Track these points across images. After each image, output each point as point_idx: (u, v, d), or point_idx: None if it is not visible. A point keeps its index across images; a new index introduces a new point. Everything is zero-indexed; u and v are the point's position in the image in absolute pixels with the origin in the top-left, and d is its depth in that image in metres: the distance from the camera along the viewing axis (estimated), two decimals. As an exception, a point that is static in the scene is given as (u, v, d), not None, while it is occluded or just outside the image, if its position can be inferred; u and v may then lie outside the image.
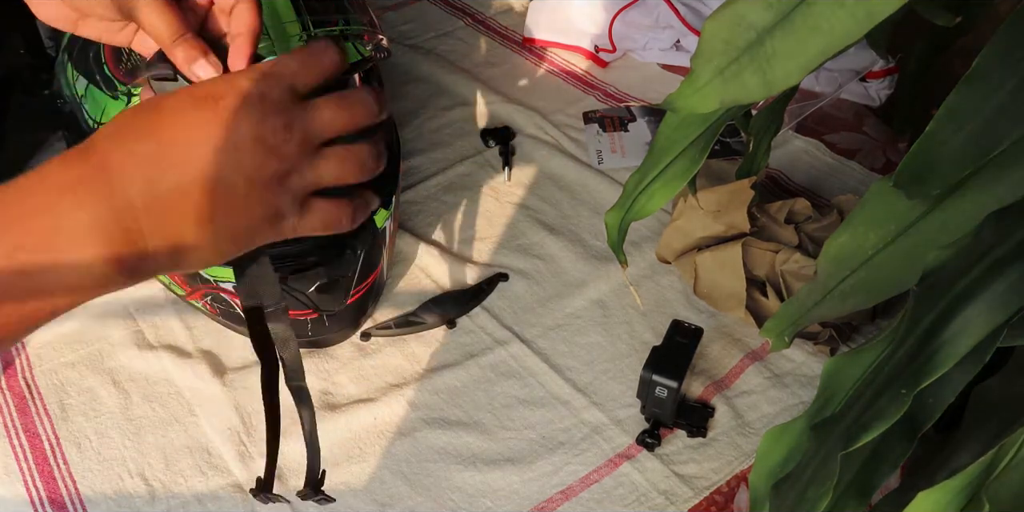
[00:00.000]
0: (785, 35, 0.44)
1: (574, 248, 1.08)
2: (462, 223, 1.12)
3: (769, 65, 0.45)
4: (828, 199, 1.12)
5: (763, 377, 0.94)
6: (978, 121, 0.44)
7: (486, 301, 1.02)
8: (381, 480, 0.86)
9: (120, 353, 0.97)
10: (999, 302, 0.46)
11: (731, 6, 0.46)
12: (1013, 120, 0.44)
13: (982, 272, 0.46)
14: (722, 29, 0.46)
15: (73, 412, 0.92)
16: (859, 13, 0.42)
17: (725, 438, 0.89)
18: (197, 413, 0.92)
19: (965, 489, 0.44)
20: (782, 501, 0.55)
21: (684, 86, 0.48)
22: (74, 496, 0.85)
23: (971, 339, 0.46)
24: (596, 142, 1.23)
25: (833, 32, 0.43)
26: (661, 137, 0.63)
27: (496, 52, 1.44)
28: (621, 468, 0.86)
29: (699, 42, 0.47)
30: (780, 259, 0.95)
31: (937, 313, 0.47)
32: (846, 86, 1.28)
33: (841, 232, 0.54)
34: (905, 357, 0.48)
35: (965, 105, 0.45)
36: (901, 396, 0.47)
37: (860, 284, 0.53)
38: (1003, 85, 0.44)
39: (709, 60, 0.47)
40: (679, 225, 1.00)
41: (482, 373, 0.94)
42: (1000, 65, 0.44)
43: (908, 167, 0.46)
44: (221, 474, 0.87)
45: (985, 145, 0.44)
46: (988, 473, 0.43)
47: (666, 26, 1.36)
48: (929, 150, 0.45)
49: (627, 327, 1.00)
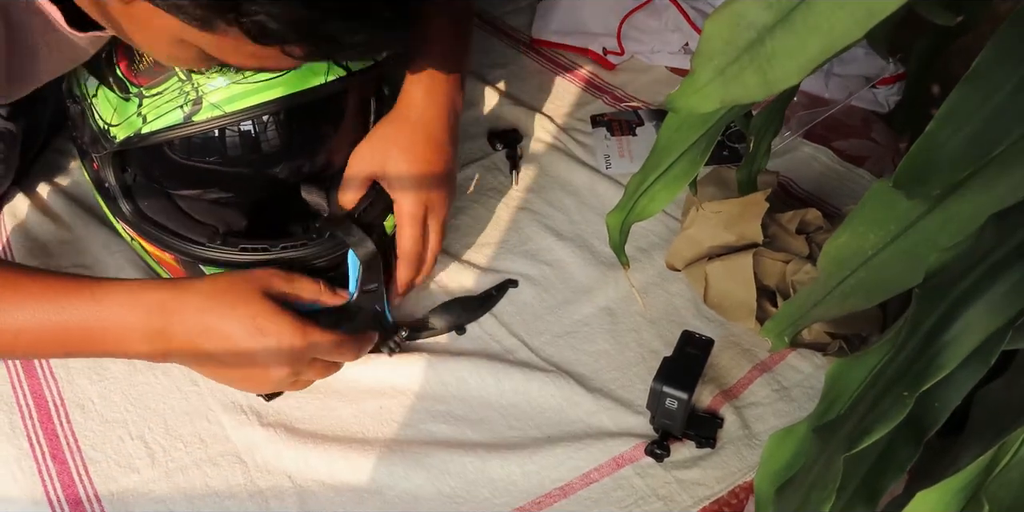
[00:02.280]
0: (785, 35, 0.44)
1: (582, 254, 1.08)
2: (469, 227, 1.12)
3: (769, 65, 0.45)
4: (838, 207, 1.11)
5: (771, 389, 0.93)
6: (978, 121, 0.44)
7: (494, 307, 1.02)
8: (381, 463, 0.86)
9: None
10: (1001, 304, 0.45)
11: (731, 6, 0.46)
12: (1013, 120, 0.43)
13: (983, 274, 0.46)
14: (722, 29, 0.46)
15: (78, 376, 0.94)
16: (859, 13, 0.42)
17: (731, 448, 0.88)
18: (199, 383, 0.93)
19: (964, 489, 0.43)
20: (786, 504, 0.55)
21: (684, 86, 0.48)
22: (76, 453, 0.88)
23: (973, 341, 0.45)
24: (604, 146, 1.23)
25: (833, 32, 0.43)
26: (662, 138, 0.63)
27: (504, 53, 1.43)
28: (622, 470, 0.86)
29: (699, 42, 0.47)
30: (791, 269, 0.94)
31: (939, 315, 0.47)
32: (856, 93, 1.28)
33: (841, 232, 0.54)
34: (907, 359, 0.48)
35: (965, 105, 0.44)
36: (903, 398, 0.47)
37: (860, 284, 0.53)
38: (1003, 85, 0.44)
39: (709, 60, 0.47)
40: (690, 234, 0.99)
41: (491, 376, 0.93)
42: (1000, 65, 0.44)
43: (908, 167, 0.46)
44: (220, 442, 0.89)
45: (985, 145, 0.44)
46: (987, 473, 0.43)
47: (674, 29, 1.36)
48: (929, 150, 0.45)
49: (635, 335, 0.99)
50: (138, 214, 0.92)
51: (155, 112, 0.84)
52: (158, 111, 0.84)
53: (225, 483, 0.85)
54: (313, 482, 0.85)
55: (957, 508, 0.43)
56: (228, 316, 0.81)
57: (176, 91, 0.84)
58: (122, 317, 0.80)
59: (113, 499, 0.84)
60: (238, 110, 0.83)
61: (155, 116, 0.84)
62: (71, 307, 0.80)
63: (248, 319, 0.80)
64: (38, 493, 0.84)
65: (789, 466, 0.57)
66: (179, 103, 0.84)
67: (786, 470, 0.57)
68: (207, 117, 0.84)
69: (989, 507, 0.42)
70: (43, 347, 0.84)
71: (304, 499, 0.84)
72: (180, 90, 0.84)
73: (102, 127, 0.88)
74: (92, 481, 0.85)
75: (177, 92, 0.84)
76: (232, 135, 0.87)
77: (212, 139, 0.87)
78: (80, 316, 0.80)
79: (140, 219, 0.92)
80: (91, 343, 0.82)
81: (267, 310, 0.81)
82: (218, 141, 0.87)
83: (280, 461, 0.87)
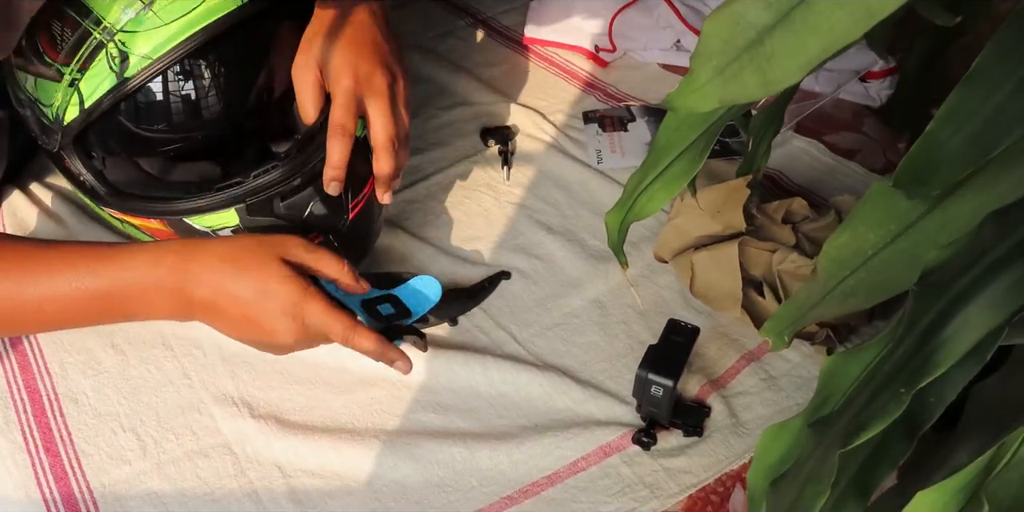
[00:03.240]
0: (784, 34, 0.44)
1: (572, 248, 1.08)
2: (461, 222, 1.12)
3: (768, 65, 0.45)
4: (826, 199, 1.12)
5: (759, 378, 0.94)
6: (978, 121, 0.44)
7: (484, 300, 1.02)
8: (371, 453, 0.87)
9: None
10: (999, 301, 0.46)
11: (730, 5, 0.46)
12: (1013, 120, 0.44)
13: (982, 271, 0.46)
14: (721, 28, 0.46)
15: (72, 371, 0.94)
16: (859, 13, 0.42)
17: (718, 436, 0.88)
18: (191, 377, 0.94)
19: (964, 489, 0.44)
20: (780, 499, 0.55)
21: (683, 85, 0.48)
22: (68, 446, 0.88)
23: (970, 338, 0.46)
24: (596, 142, 1.23)
25: (833, 32, 0.43)
26: (661, 138, 0.63)
27: (497, 52, 1.43)
28: (610, 459, 0.86)
29: (698, 41, 0.47)
30: (777, 259, 0.95)
31: (936, 312, 0.47)
32: (846, 86, 1.28)
33: (841, 232, 0.54)
34: (904, 356, 0.48)
35: (965, 105, 0.45)
36: (900, 395, 0.47)
37: (860, 284, 0.53)
38: (1003, 85, 0.44)
39: (708, 59, 0.47)
40: (677, 224, 1.00)
41: (479, 366, 0.94)
42: (1000, 65, 0.44)
43: (908, 167, 0.46)
44: (211, 434, 0.89)
45: (985, 145, 0.44)
46: (987, 473, 0.43)
47: (666, 26, 1.36)
48: (929, 150, 0.45)
49: (625, 327, 1.00)
50: (116, 193, 0.92)
51: (90, 83, 0.85)
52: (92, 81, 0.85)
53: (215, 474, 0.86)
54: (303, 473, 0.86)
55: (957, 508, 0.44)
56: (240, 278, 0.81)
57: (101, 56, 0.84)
58: (145, 280, 0.81)
59: (105, 492, 0.84)
60: (167, 53, 0.84)
61: (92, 87, 0.85)
62: (95, 274, 0.81)
63: (259, 282, 0.80)
64: (31, 487, 0.84)
65: (783, 460, 0.57)
66: (108, 65, 0.84)
67: (780, 464, 0.57)
68: (140, 68, 0.84)
69: (989, 507, 0.42)
70: (68, 316, 0.84)
71: (294, 490, 0.85)
72: (105, 54, 0.84)
73: (52, 118, 0.89)
74: (84, 474, 0.85)
75: (102, 56, 0.84)
76: (175, 88, 0.88)
77: (156, 100, 0.88)
78: (106, 282, 0.81)
79: (120, 198, 0.92)
80: (116, 308, 0.83)
81: (279, 275, 0.81)
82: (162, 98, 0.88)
83: (270, 452, 0.87)
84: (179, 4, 0.84)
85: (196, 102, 0.90)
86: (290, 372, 0.94)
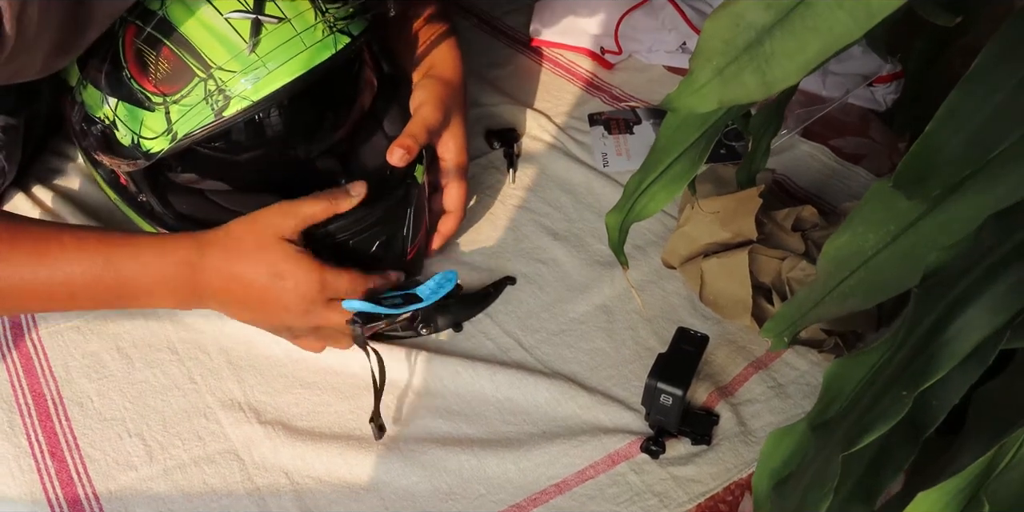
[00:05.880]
0: (784, 35, 0.44)
1: (578, 253, 1.08)
2: (465, 226, 1.12)
3: (768, 65, 0.45)
4: (834, 205, 1.11)
5: (767, 386, 0.93)
6: (978, 121, 0.44)
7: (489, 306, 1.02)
8: (378, 460, 0.86)
9: (125, 320, 0.99)
10: (1000, 303, 0.46)
11: (730, 6, 0.46)
12: (1013, 120, 0.44)
13: (982, 273, 0.46)
14: (721, 29, 0.46)
15: (77, 374, 0.94)
16: (858, 13, 0.42)
17: (727, 444, 0.88)
18: (197, 381, 0.94)
19: (964, 489, 0.43)
20: (784, 502, 0.55)
21: (683, 86, 0.48)
22: (74, 451, 0.88)
23: (972, 340, 0.45)
24: (601, 145, 1.23)
25: (832, 32, 0.43)
26: (661, 138, 0.63)
27: (502, 53, 1.43)
28: (618, 467, 0.86)
29: (698, 42, 0.47)
30: (787, 266, 0.94)
31: (937, 315, 0.47)
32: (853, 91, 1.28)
33: (841, 233, 0.54)
34: (906, 359, 0.48)
35: (965, 105, 0.44)
36: (902, 398, 0.47)
37: (859, 285, 0.53)
38: (1003, 85, 0.44)
39: (708, 60, 0.47)
40: (686, 231, 1.00)
41: (486, 371, 0.93)
42: (1000, 65, 0.44)
43: (908, 168, 0.46)
44: (217, 440, 0.89)
45: (985, 145, 0.44)
46: (988, 473, 0.43)
47: (672, 28, 1.36)
48: (929, 150, 0.45)
49: (632, 333, 0.99)
50: (176, 216, 0.95)
51: (185, 117, 0.86)
52: (188, 115, 0.86)
53: (222, 480, 0.85)
54: (310, 479, 0.85)
55: (957, 508, 0.44)
56: (250, 262, 0.84)
57: (199, 91, 0.85)
58: (159, 270, 0.85)
59: (111, 497, 0.84)
60: (266, 97, 0.85)
61: (186, 121, 0.86)
62: (110, 262, 0.84)
63: (269, 265, 0.84)
64: (37, 492, 0.84)
65: (787, 464, 0.57)
66: (206, 101, 0.85)
67: (784, 468, 0.57)
68: (238, 109, 0.86)
69: (989, 507, 0.42)
70: (78, 301, 0.87)
71: (301, 496, 0.84)
72: (204, 90, 0.85)
73: (135, 141, 0.89)
74: (91, 479, 0.85)
75: (200, 91, 0.85)
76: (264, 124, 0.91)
77: (242, 135, 0.91)
78: (120, 271, 0.84)
79: (179, 220, 0.95)
80: (127, 296, 0.86)
81: (286, 255, 0.84)
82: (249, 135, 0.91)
83: (277, 458, 0.87)
84: (281, 51, 0.85)
85: (282, 139, 0.93)
86: (296, 376, 0.94)
